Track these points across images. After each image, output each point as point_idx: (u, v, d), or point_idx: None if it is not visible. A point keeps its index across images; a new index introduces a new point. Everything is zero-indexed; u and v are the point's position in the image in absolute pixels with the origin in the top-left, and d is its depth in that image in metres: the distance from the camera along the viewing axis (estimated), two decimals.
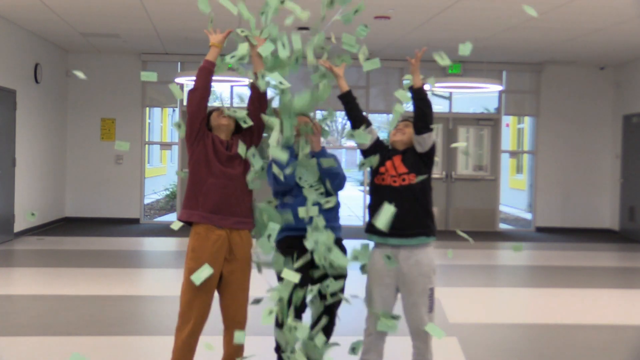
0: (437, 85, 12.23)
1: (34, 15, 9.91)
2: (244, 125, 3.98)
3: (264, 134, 4.13)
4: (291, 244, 4.17)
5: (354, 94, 4.24)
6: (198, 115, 3.90)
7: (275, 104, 4.16)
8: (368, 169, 4.21)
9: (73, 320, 5.83)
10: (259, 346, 4.83)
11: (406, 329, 4.03)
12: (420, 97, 4.04)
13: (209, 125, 4.01)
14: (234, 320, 3.96)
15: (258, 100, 4.02)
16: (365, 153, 4.19)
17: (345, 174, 4.28)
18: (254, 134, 4.04)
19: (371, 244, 4.07)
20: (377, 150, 4.16)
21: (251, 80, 4.07)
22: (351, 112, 4.22)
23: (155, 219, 14.49)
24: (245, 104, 3.97)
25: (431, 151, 4.07)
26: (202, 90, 3.91)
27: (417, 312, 3.98)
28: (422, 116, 4.01)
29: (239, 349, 4.01)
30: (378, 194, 4.05)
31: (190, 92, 3.93)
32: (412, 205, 3.96)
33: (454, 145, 4.55)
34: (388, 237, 3.98)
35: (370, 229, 4.05)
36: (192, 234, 3.90)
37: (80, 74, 4.04)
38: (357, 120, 4.20)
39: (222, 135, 3.97)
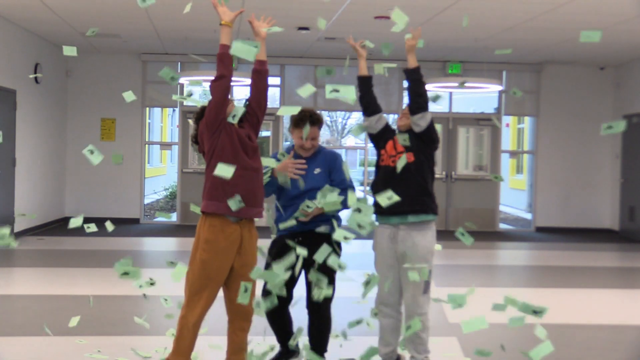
0: (436, 85, 12.25)
1: (34, 15, 9.91)
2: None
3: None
4: (285, 245, 4.24)
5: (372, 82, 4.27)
6: (224, 104, 3.88)
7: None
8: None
9: None
10: (262, 345, 4.84)
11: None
12: (414, 78, 4.06)
13: None
14: (239, 312, 3.99)
15: (259, 77, 4.01)
16: (374, 138, 4.26)
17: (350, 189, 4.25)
18: (259, 119, 4.06)
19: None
20: (384, 134, 4.23)
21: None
22: (365, 96, 4.24)
23: (155, 219, 14.49)
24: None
25: (428, 131, 4.08)
26: (227, 77, 3.87)
27: (411, 293, 4.02)
28: (416, 96, 4.04)
29: (244, 341, 4.04)
30: (378, 174, 4.17)
31: (216, 80, 3.86)
32: (407, 183, 4.01)
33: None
34: (389, 216, 4.03)
35: (374, 210, 4.09)
36: (206, 225, 3.89)
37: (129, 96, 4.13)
38: (370, 106, 4.24)
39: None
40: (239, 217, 3.88)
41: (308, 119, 4.25)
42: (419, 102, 4.05)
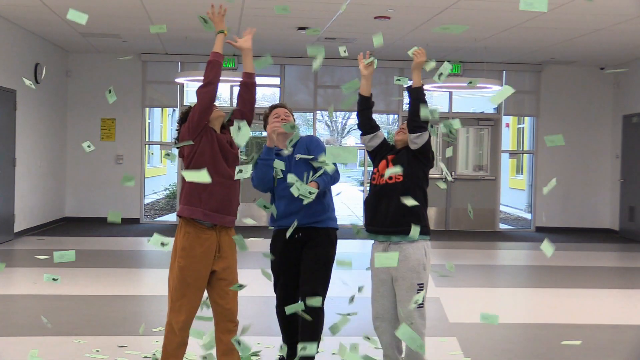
0: (435, 85, 12.25)
1: (34, 15, 9.91)
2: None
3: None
4: (280, 237, 4.32)
5: (372, 100, 4.29)
6: (209, 111, 3.91)
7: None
8: (370, 168, 4.30)
9: (73, 320, 5.84)
10: (258, 347, 4.84)
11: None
12: (417, 97, 4.07)
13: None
14: (224, 313, 4.00)
15: (246, 90, 4.07)
16: (371, 154, 4.28)
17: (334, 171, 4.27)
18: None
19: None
20: (380, 152, 4.23)
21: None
22: (360, 114, 4.26)
23: (156, 219, 14.49)
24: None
25: (424, 149, 4.09)
26: (215, 85, 3.91)
27: (405, 308, 4.01)
28: (415, 115, 4.04)
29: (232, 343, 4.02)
30: (370, 192, 4.19)
31: (204, 86, 3.90)
32: (395, 203, 4.01)
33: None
34: (378, 234, 4.10)
35: (367, 228, 4.19)
36: (181, 233, 3.95)
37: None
38: (364, 126, 4.26)
39: (216, 127, 4.00)
40: (214, 224, 3.90)
41: (278, 104, 4.46)
42: (418, 121, 4.04)
